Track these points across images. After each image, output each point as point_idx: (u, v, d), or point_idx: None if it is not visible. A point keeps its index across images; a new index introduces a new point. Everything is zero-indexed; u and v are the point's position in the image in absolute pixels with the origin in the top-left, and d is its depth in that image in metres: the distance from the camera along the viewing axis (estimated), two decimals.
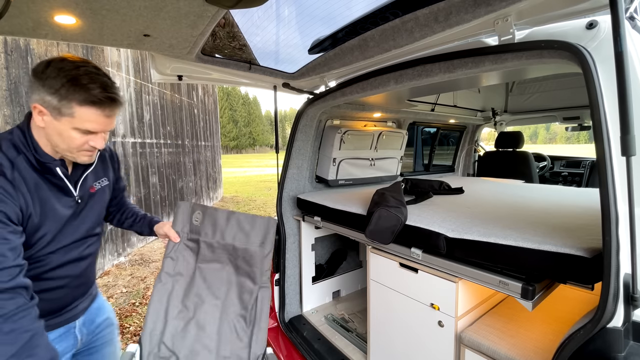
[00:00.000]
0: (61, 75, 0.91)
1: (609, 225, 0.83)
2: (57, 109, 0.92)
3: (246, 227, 1.31)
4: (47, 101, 0.92)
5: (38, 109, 0.93)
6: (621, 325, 0.86)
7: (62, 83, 0.91)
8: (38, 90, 0.92)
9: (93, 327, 1.27)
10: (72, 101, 0.92)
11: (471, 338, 1.26)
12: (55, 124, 0.95)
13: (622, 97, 0.77)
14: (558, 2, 1.03)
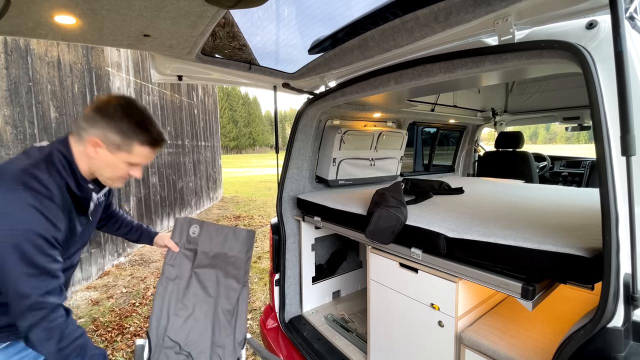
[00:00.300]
0: (129, 118, 1.05)
1: (609, 225, 0.83)
2: (117, 145, 1.05)
3: (234, 239, 1.58)
4: (109, 137, 1.04)
5: (95, 142, 1.04)
6: (621, 325, 0.86)
7: (129, 125, 1.04)
8: (102, 127, 1.03)
9: None
10: (134, 141, 1.06)
11: (471, 338, 1.26)
12: (109, 157, 1.07)
13: (622, 97, 0.77)
14: (558, 2, 1.03)
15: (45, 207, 0.94)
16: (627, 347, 0.87)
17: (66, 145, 1.06)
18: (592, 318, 0.86)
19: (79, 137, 1.05)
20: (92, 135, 1.03)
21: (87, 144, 1.04)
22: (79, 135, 1.05)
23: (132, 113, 1.06)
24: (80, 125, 1.05)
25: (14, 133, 3.26)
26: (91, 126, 1.03)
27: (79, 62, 4.20)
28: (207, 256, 1.54)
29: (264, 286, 4.12)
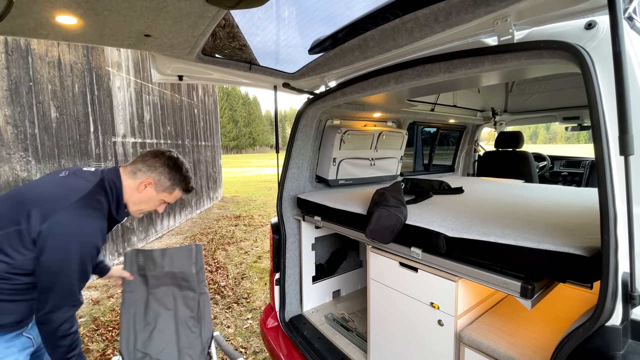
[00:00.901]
0: (181, 172, 1.43)
1: (608, 224, 0.84)
2: (164, 188, 1.41)
3: (177, 257, 1.80)
4: (161, 181, 1.39)
5: (149, 182, 1.37)
6: (619, 323, 0.86)
7: (179, 177, 1.43)
8: (159, 173, 1.38)
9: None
10: (178, 187, 1.44)
11: (471, 337, 1.27)
12: (152, 194, 1.40)
13: (621, 97, 0.78)
14: (557, 3, 1.03)
15: (103, 226, 1.24)
16: (626, 346, 0.87)
17: (118, 177, 1.34)
18: (591, 316, 0.87)
19: (133, 175, 1.35)
20: (149, 177, 1.36)
21: (140, 183, 1.35)
22: (134, 173, 1.36)
23: (181, 167, 1.43)
24: (138, 166, 1.36)
25: (15, 133, 3.26)
26: (150, 170, 1.36)
27: (80, 62, 4.20)
28: (157, 278, 1.77)
29: (264, 286, 4.13)
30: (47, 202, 1.16)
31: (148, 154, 1.39)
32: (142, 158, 1.38)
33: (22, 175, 3.32)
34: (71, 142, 4.01)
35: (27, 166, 3.38)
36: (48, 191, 1.21)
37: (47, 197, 1.19)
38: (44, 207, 1.14)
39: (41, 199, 1.18)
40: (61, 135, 3.85)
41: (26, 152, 3.38)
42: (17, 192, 1.24)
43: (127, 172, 1.36)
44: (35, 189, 1.23)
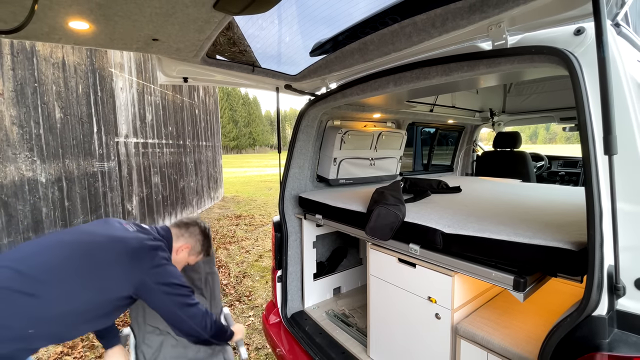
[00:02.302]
0: (207, 240, 1.70)
1: (593, 220, 0.89)
2: (194, 253, 1.66)
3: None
4: (195, 247, 1.65)
5: (187, 246, 1.62)
6: (605, 313, 0.91)
7: (205, 245, 1.69)
8: (195, 240, 1.64)
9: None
10: (202, 253, 1.70)
11: (466, 329, 1.32)
12: (184, 257, 1.64)
13: (605, 99, 0.83)
14: (548, 10, 1.08)
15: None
16: (612, 335, 0.93)
17: (170, 241, 1.56)
18: (578, 307, 0.92)
19: (177, 239, 1.58)
20: (188, 242, 1.61)
21: (180, 246, 1.59)
22: (177, 237, 1.59)
23: (208, 236, 1.70)
24: (182, 232, 1.61)
25: (20, 133, 3.32)
26: (190, 237, 1.62)
27: (83, 63, 4.26)
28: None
29: (266, 284, 4.18)
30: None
31: (187, 223, 1.65)
32: (185, 226, 1.64)
33: (27, 174, 3.37)
34: (75, 142, 4.06)
35: (32, 166, 3.44)
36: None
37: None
38: None
39: None
40: (65, 135, 3.90)
41: (31, 152, 3.43)
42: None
43: (176, 235, 1.59)
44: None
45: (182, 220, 1.67)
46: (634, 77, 1.03)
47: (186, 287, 1.39)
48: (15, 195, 3.23)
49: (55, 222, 3.70)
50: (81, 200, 4.15)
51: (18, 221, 3.24)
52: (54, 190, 3.71)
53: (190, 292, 1.39)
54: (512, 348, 1.19)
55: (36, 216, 3.46)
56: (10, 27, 1.03)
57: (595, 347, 0.90)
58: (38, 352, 2.84)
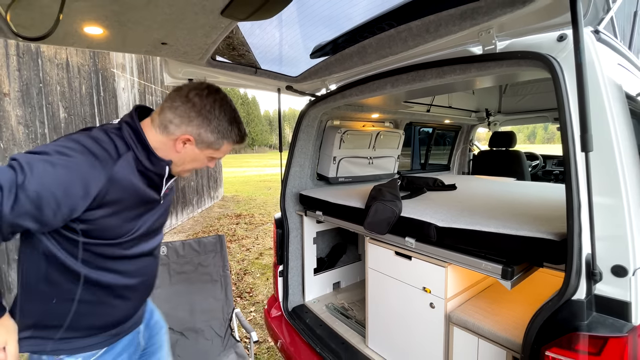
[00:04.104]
0: (225, 117, 1.01)
1: (572, 211, 0.97)
2: (208, 144, 1.02)
3: (197, 246, 2.19)
4: (202, 137, 1.00)
5: (187, 139, 0.99)
6: (584, 297, 1.00)
7: (224, 125, 1.00)
8: (198, 126, 0.98)
9: (149, 331, 1.29)
10: (225, 140, 1.03)
11: (459, 317, 1.40)
12: (195, 152, 1.03)
13: (582, 101, 0.92)
14: (533, 18, 1.16)
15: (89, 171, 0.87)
16: (590, 317, 1.01)
17: (135, 122, 1.00)
18: (559, 291, 1.00)
19: (164, 129, 0.99)
20: (187, 133, 0.98)
21: (177, 140, 1.00)
22: (165, 127, 0.98)
23: (226, 111, 1.02)
24: (168, 118, 0.98)
25: (26, 132, 3.38)
26: (185, 123, 0.97)
27: (86, 64, 4.32)
28: (180, 265, 2.14)
29: (266, 281, 4.25)
30: None
31: (176, 96, 1.00)
32: (172, 104, 0.98)
33: None
34: None
35: None
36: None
37: None
38: None
39: None
40: None
41: None
42: None
43: (154, 125, 1.01)
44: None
45: (169, 94, 1.03)
46: (612, 80, 1.12)
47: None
48: None
49: None
50: None
51: None
52: None
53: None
54: (500, 333, 1.27)
55: None
56: (36, 35, 1.11)
57: (574, 328, 0.98)
58: None
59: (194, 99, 0.98)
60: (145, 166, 0.99)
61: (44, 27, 1.29)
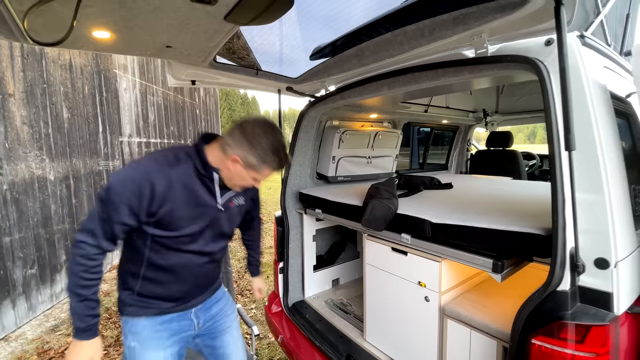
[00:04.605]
0: (269, 147, 1.18)
1: (557, 207, 1.03)
2: (252, 166, 1.20)
3: None
4: (248, 159, 1.19)
5: (235, 159, 1.19)
6: (569, 288, 1.05)
7: (267, 154, 1.18)
8: (245, 151, 1.18)
9: (208, 316, 1.47)
10: (266, 165, 1.21)
11: (452, 310, 1.46)
12: (242, 171, 1.22)
13: (565, 103, 0.97)
14: (522, 23, 1.22)
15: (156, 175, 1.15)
16: (574, 307, 1.06)
17: (201, 149, 1.27)
18: (544, 283, 1.06)
19: (223, 149, 1.22)
20: (236, 154, 1.18)
21: (228, 158, 1.20)
22: (224, 147, 1.22)
23: (272, 142, 1.19)
24: (226, 141, 1.21)
25: (30, 132, 3.44)
26: (237, 146, 1.18)
27: (89, 65, 4.38)
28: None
29: (267, 279, 4.31)
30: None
31: (239, 125, 1.22)
32: (232, 130, 1.22)
33: (37, 172, 3.50)
34: (82, 142, 4.19)
35: (41, 164, 3.56)
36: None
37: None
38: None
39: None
40: (72, 134, 4.03)
41: (41, 151, 3.56)
42: None
43: (218, 144, 1.25)
44: None
45: (237, 122, 1.25)
46: (597, 82, 1.17)
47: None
48: (26, 192, 3.36)
49: (63, 218, 3.83)
50: (87, 198, 4.27)
51: (29, 217, 3.37)
52: (62, 188, 3.84)
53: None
54: (491, 324, 1.33)
55: (45, 213, 3.59)
56: (50, 40, 1.16)
57: (559, 317, 1.04)
58: (51, 341, 2.97)
59: (247, 128, 1.20)
60: (200, 171, 1.24)
61: (56, 31, 1.35)
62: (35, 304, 3.42)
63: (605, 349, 1.02)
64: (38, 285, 3.46)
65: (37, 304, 3.45)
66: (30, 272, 3.37)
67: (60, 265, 3.77)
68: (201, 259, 1.34)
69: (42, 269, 3.52)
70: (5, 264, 3.09)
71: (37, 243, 3.46)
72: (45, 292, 3.55)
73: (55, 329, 3.17)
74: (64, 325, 3.23)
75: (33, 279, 3.40)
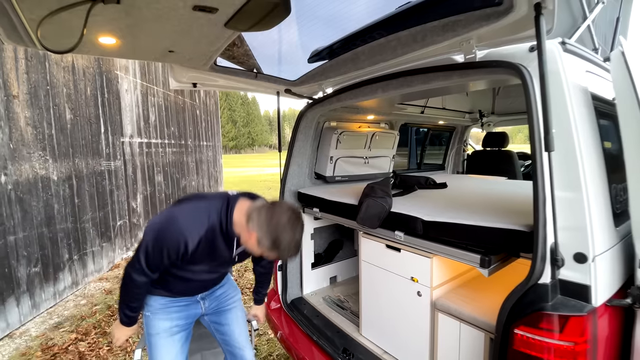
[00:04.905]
0: (283, 244, 1.25)
1: (538, 204, 1.09)
2: (263, 246, 1.28)
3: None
4: (262, 241, 1.27)
5: (253, 235, 1.28)
6: (549, 281, 1.12)
7: (278, 247, 1.26)
8: (263, 235, 1.26)
9: (213, 297, 1.71)
10: (274, 253, 1.29)
11: (443, 303, 1.52)
12: (254, 246, 1.31)
13: (545, 107, 1.04)
14: (507, 30, 1.28)
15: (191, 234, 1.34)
16: (554, 299, 1.13)
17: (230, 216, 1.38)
18: (527, 276, 1.12)
19: (247, 218, 1.31)
20: (255, 231, 1.27)
21: (248, 230, 1.30)
22: (248, 217, 1.31)
23: (288, 240, 1.26)
24: (252, 215, 1.29)
25: (34, 133, 3.51)
26: (258, 226, 1.26)
27: (91, 67, 4.45)
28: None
29: None
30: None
31: (269, 207, 1.30)
32: (261, 209, 1.29)
33: (40, 173, 3.56)
34: (84, 142, 4.25)
35: (45, 164, 3.63)
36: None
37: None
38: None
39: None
40: (75, 135, 4.09)
41: (44, 152, 3.62)
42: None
43: (244, 208, 1.36)
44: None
45: (265, 204, 1.33)
46: (578, 86, 1.24)
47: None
48: (30, 192, 3.42)
49: (66, 217, 3.89)
50: (89, 198, 4.34)
51: (32, 216, 3.43)
52: (64, 187, 3.90)
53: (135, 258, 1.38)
54: (479, 317, 1.40)
55: (49, 212, 3.65)
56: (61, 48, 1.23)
57: (539, 308, 1.10)
58: (54, 338, 3.03)
59: (274, 216, 1.27)
60: (223, 230, 1.38)
61: (64, 37, 1.41)
62: (38, 301, 3.48)
63: (584, 338, 1.08)
64: (41, 284, 3.52)
65: (41, 301, 3.51)
66: (34, 271, 3.43)
67: (63, 263, 3.83)
68: (210, 276, 1.59)
69: (46, 267, 3.59)
70: (9, 262, 3.15)
71: (40, 242, 3.53)
72: (48, 290, 3.62)
73: (59, 326, 3.23)
74: (67, 323, 3.29)
75: (36, 277, 3.46)
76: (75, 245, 4.04)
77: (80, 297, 3.86)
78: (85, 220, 4.23)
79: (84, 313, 3.47)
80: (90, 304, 3.66)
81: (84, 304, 3.69)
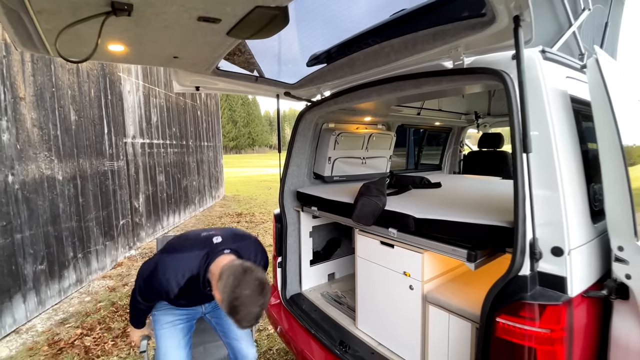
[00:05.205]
0: (237, 313, 1.28)
1: (517, 202, 1.18)
2: (222, 307, 1.31)
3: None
4: (222, 303, 1.30)
5: (217, 293, 1.34)
6: (528, 273, 1.20)
7: (232, 314, 1.29)
8: (223, 295, 1.29)
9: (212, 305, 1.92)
10: (230, 317, 1.31)
11: (433, 296, 1.61)
12: (219, 302, 1.34)
13: (523, 111, 1.13)
14: (492, 39, 1.37)
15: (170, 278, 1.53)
16: (533, 290, 1.21)
17: (207, 268, 1.50)
18: (508, 269, 1.21)
19: (218, 277, 1.35)
20: (218, 291, 1.32)
21: (216, 287, 1.35)
22: (219, 277, 1.34)
23: (242, 309, 1.26)
24: (222, 277, 1.32)
25: (40, 134, 3.60)
26: (221, 290, 1.30)
27: (95, 69, 4.54)
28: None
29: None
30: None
31: (236, 276, 1.30)
32: (230, 273, 1.31)
33: (46, 173, 3.65)
34: (88, 143, 4.34)
35: (50, 165, 3.72)
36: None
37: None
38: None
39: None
40: (79, 136, 4.18)
41: (50, 152, 3.71)
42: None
43: (220, 265, 1.41)
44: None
45: (236, 264, 1.36)
46: (558, 91, 1.32)
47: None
48: (36, 191, 3.51)
49: (70, 216, 3.99)
50: (93, 197, 4.43)
51: (38, 215, 3.52)
52: (69, 187, 3.99)
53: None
54: (467, 308, 1.48)
55: (54, 211, 3.74)
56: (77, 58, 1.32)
57: (519, 298, 1.19)
58: (60, 333, 3.12)
59: (239, 285, 1.28)
60: (201, 280, 1.52)
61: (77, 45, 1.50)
62: (44, 298, 3.57)
63: (560, 326, 1.17)
64: (47, 281, 3.61)
65: (47, 298, 3.60)
66: (40, 268, 3.52)
67: (67, 262, 3.92)
68: (203, 300, 1.81)
69: (51, 265, 3.68)
70: (16, 259, 3.24)
71: (46, 240, 3.62)
72: (54, 287, 3.71)
73: (65, 322, 3.32)
74: (73, 319, 3.38)
75: (42, 275, 3.55)
76: (79, 243, 4.13)
77: (84, 294, 3.95)
78: (89, 219, 4.32)
79: (89, 309, 3.56)
80: (95, 301, 3.75)
81: (88, 300, 3.78)
